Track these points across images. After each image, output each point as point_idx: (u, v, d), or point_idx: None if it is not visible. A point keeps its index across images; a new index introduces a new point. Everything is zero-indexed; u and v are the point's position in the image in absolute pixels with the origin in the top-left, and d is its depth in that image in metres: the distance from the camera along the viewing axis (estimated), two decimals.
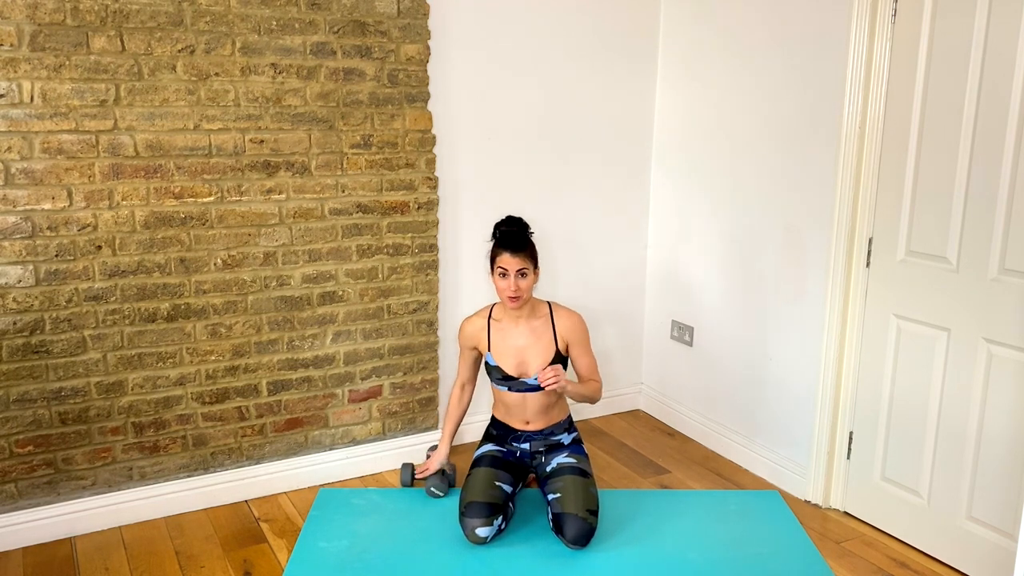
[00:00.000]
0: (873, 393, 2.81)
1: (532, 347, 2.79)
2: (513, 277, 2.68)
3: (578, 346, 2.83)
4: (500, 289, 2.71)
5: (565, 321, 2.82)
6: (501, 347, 2.81)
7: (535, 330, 2.81)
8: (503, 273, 2.69)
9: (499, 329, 2.82)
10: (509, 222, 2.77)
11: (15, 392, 2.60)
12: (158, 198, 2.69)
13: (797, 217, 2.99)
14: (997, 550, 2.47)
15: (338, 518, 2.83)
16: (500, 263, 2.69)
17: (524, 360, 2.79)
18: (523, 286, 2.69)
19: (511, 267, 2.67)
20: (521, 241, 2.71)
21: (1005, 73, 2.32)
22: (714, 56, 3.31)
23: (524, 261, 2.68)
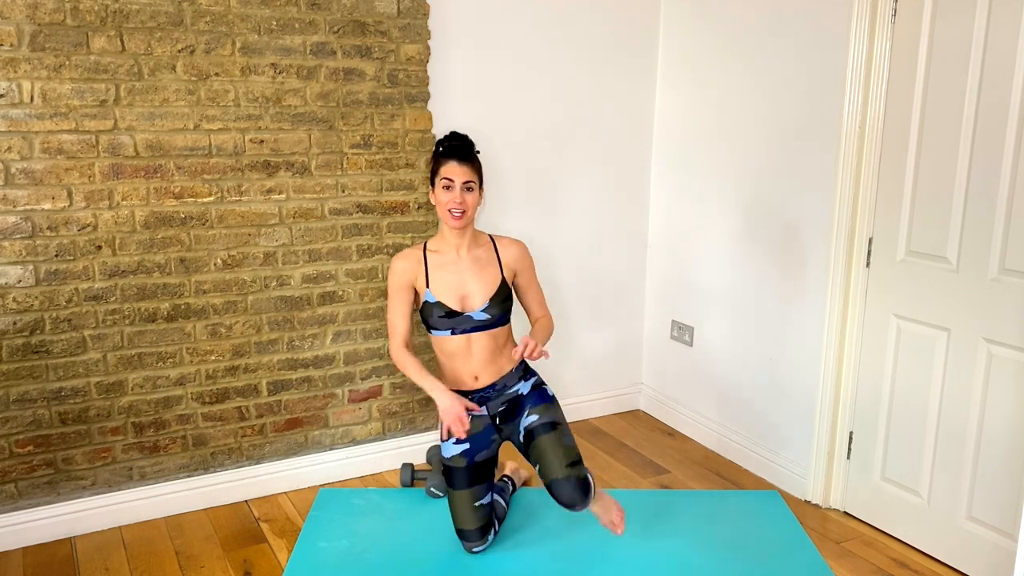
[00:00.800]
0: (873, 393, 2.81)
1: (476, 277, 2.53)
2: (459, 189, 2.44)
3: (527, 275, 2.62)
4: (442, 204, 2.46)
5: (511, 249, 2.59)
6: (441, 281, 2.52)
7: (478, 259, 2.54)
8: (447, 185, 2.44)
9: (437, 262, 2.53)
10: (454, 136, 2.52)
11: (15, 392, 2.60)
12: (158, 198, 2.69)
13: (797, 217, 2.99)
14: (997, 550, 2.47)
15: (338, 518, 2.83)
16: (445, 173, 2.45)
17: (467, 293, 2.52)
18: (469, 201, 2.46)
19: (457, 177, 2.44)
20: (468, 151, 2.49)
21: (1005, 73, 2.32)
22: (714, 56, 3.31)
23: (471, 173, 2.46)
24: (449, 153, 2.47)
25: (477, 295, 2.52)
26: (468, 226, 2.52)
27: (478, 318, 2.50)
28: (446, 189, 2.45)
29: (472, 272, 2.53)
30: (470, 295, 2.52)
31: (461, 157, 2.46)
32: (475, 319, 2.50)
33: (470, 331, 2.51)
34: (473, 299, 2.52)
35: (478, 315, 2.50)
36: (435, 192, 2.49)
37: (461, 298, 2.51)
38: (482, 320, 2.51)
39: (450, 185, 2.44)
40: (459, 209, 2.44)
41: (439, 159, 2.48)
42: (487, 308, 2.50)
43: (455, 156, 2.46)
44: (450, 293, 2.51)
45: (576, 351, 3.71)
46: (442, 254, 2.54)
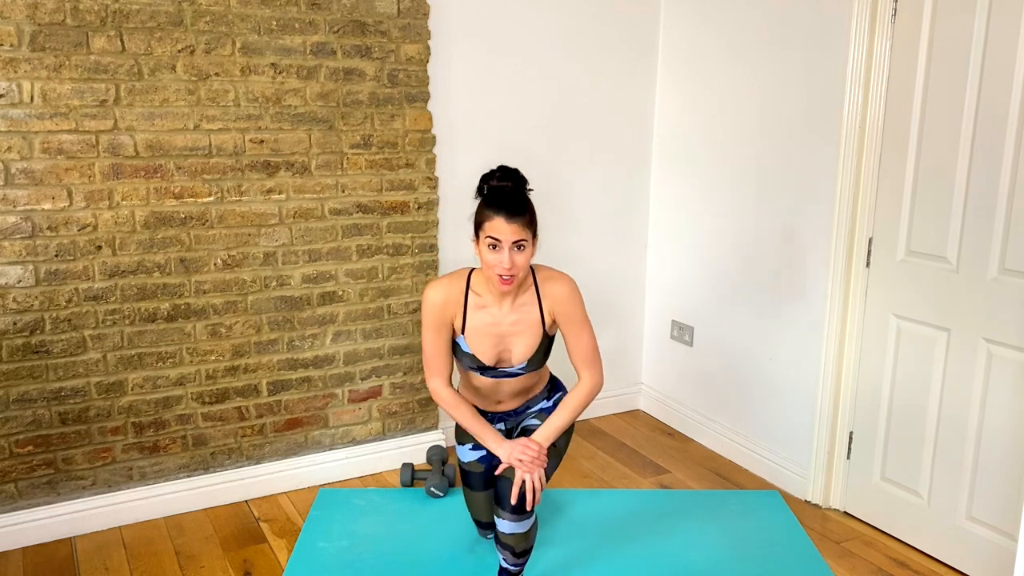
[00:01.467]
0: (873, 393, 2.81)
1: (518, 336, 2.21)
2: (508, 251, 2.04)
3: (571, 323, 2.22)
4: (488, 265, 2.08)
5: (552, 292, 2.21)
6: (478, 333, 2.20)
7: (521, 312, 2.20)
8: (494, 245, 2.05)
9: (478, 306, 2.20)
10: (504, 174, 2.12)
11: (15, 392, 2.60)
12: (158, 198, 2.69)
13: (797, 217, 2.98)
14: (997, 550, 2.47)
15: (338, 518, 2.83)
16: (491, 231, 2.05)
17: (506, 348, 2.22)
18: (519, 262, 2.06)
19: (506, 238, 2.03)
20: (519, 202, 2.07)
21: (1005, 73, 2.32)
22: (714, 56, 3.31)
23: (522, 230, 2.05)
24: (496, 205, 2.06)
25: (516, 354, 2.23)
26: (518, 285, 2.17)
27: (514, 372, 2.27)
28: (492, 248, 2.06)
29: (515, 329, 2.21)
30: (509, 354, 2.23)
31: (512, 211, 2.04)
32: (511, 372, 2.27)
33: (502, 376, 2.28)
34: (511, 356, 2.23)
35: (514, 370, 2.26)
36: (479, 244, 2.11)
37: (498, 355, 2.23)
38: (514, 373, 2.27)
39: (497, 245, 2.05)
40: (508, 274, 2.07)
41: (485, 210, 2.09)
42: (525, 366, 2.25)
43: (503, 211, 2.04)
44: (486, 349, 2.21)
45: None
46: (483, 299, 2.21)
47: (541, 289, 2.22)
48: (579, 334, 2.23)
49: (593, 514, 2.87)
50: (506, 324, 2.20)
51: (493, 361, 2.23)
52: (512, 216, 2.04)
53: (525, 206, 2.09)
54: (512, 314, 2.20)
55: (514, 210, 2.04)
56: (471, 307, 2.20)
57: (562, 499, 2.97)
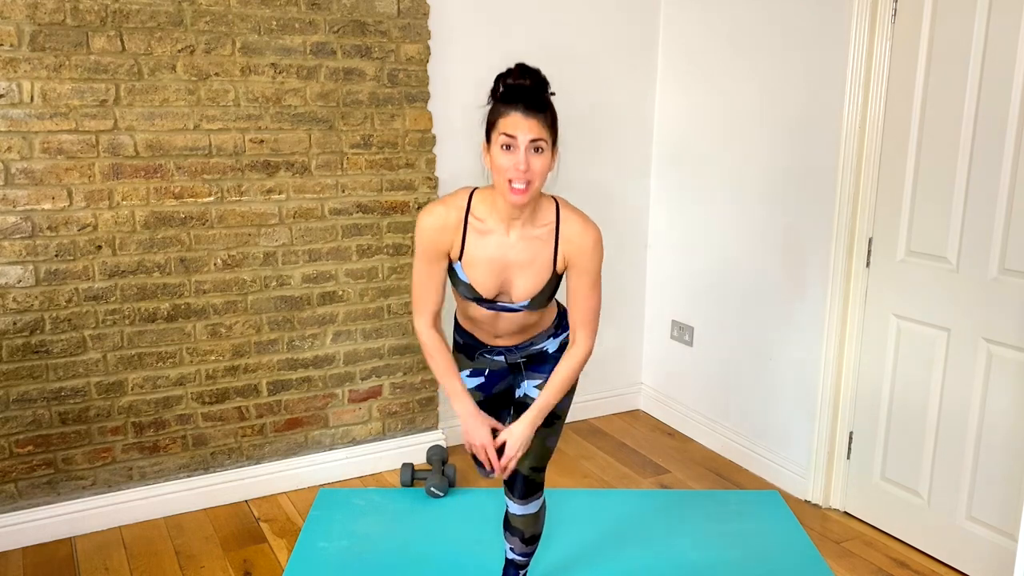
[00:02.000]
0: (873, 393, 2.81)
1: (524, 269, 1.93)
2: (524, 151, 1.77)
3: (583, 278, 1.95)
4: (501, 169, 1.80)
5: (572, 236, 1.93)
6: (478, 261, 1.92)
7: (533, 244, 1.92)
8: (508, 144, 1.78)
9: (479, 231, 1.92)
10: (522, 71, 1.85)
11: (15, 392, 2.60)
12: (158, 198, 2.69)
13: (797, 217, 2.98)
14: (997, 550, 2.47)
15: (338, 518, 2.83)
16: (505, 127, 1.78)
17: (508, 281, 1.94)
18: (537, 168, 1.79)
19: (523, 134, 1.76)
20: (539, 99, 1.81)
21: (1005, 73, 2.32)
22: (714, 56, 3.31)
23: (542, 128, 1.78)
24: (513, 98, 1.80)
25: (519, 290, 1.95)
26: (530, 201, 1.86)
27: (514, 308, 1.99)
28: (506, 149, 1.79)
29: (521, 261, 1.93)
30: (511, 288, 1.96)
31: (530, 104, 1.78)
32: (512, 308, 1.99)
33: (503, 310, 2.00)
34: (513, 293, 1.96)
35: (515, 307, 1.99)
36: (490, 151, 1.84)
37: (498, 287, 1.96)
38: (519, 309, 2.00)
39: (512, 144, 1.78)
40: (523, 180, 1.78)
41: (499, 107, 1.83)
42: (528, 305, 1.97)
43: (522, 103, 1.78)
44: (485, 280, 1.94)
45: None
46: (487, 225, 1.92)
47: (562, 229, 1.93)
48: (588, 294, 1.96)
49: (593, 514, 2.87)
50: (511, 255, 1.92)
51: (492, 294, 1.96)
52: (530, 111, 1.77)
53: (546, 104, 1.83)
54: (520, 243, 1.92)
55: (533, 105, 1.78)
56: (471, 232, 1.92)
57: (562, 499, 2.97)
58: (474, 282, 1.94)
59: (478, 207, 1.93)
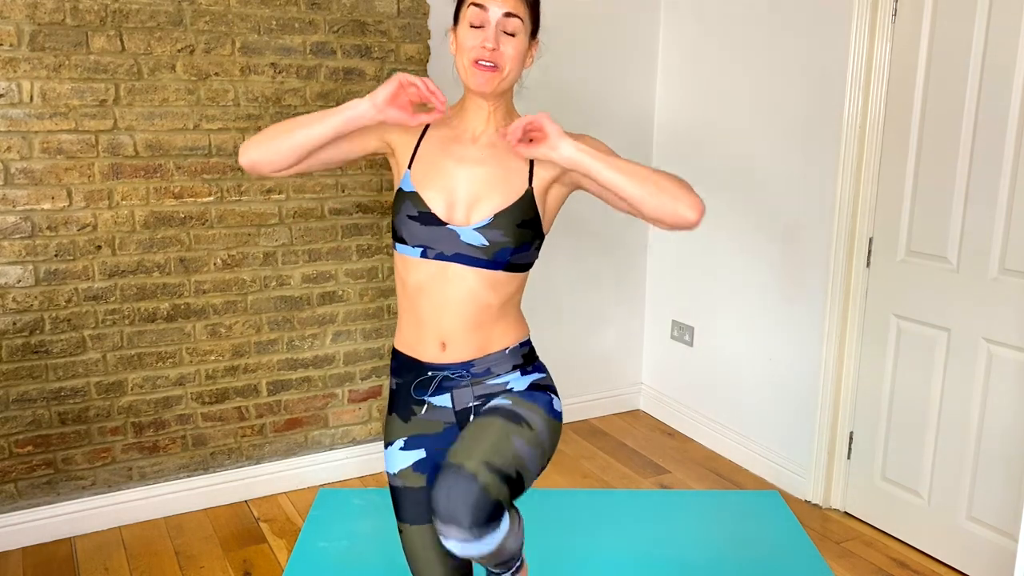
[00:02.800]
0: (873, 393, 2.81)
1: (489, 177, 1.57)
2: (495, 27, 1.51)
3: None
4: (466, 49, 1.53)
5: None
6: (432, 167, 1.59)
7: (499, 152, 1.59)
8: (477, 22, 1.52)
9: (441, 137, 1.62)
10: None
11: (15, 392, 2.60)
12: (158, 198, 2.69)
13: (797, 217, 2.98)
14: (997, 550, 2.47)
15: (338, 518, 2.83)
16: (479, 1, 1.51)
17: (466, 196, 1.56)
18: (509, 51, 1.52)
19: (494, 5, 1.50)
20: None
21: (1005, 73, 2.32)
22: (714, 56, 3.30)
23: (519, 5, 1.53)
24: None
25: (480, 203, 1.56)
26: (502, 94, 1.59)
27: (468, 239, 1.54)
28: (474, 28, 1.52)
29: (487, 168, 1.58)
30: (469, 200, 1.56)
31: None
32: (462, 239, 1.54)
33: (450, 259, 1.55)
34: (471, 208, 1.56)
35: (468, 234, 1.54)
36: (456, 33, 1.57)
37: (452, 202, 1.57)
38: (473, 246, 1.54)
39: (482, 19, 1.51)
40: (489, 59, 1.51)
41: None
42: (487, 227, 1.54)
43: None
44: (439, 190, 1.57)
45: (576, 351, 3.70)
46: (452, 128, 1.63)
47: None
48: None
49: (593, 514, 2.87)
50: (476, 155, 1.59)
51: (444, 209, 1.56)
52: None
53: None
54: (484, 152, 1.59)
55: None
56: (431, 136, 1.62)
57: (562, 499, 2.97)
58: (423, 190, 1.57)
59: (449, 111, 1.63)
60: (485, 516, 1.42)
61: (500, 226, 1.54)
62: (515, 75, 1.57)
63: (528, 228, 1.58)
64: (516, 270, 1.60)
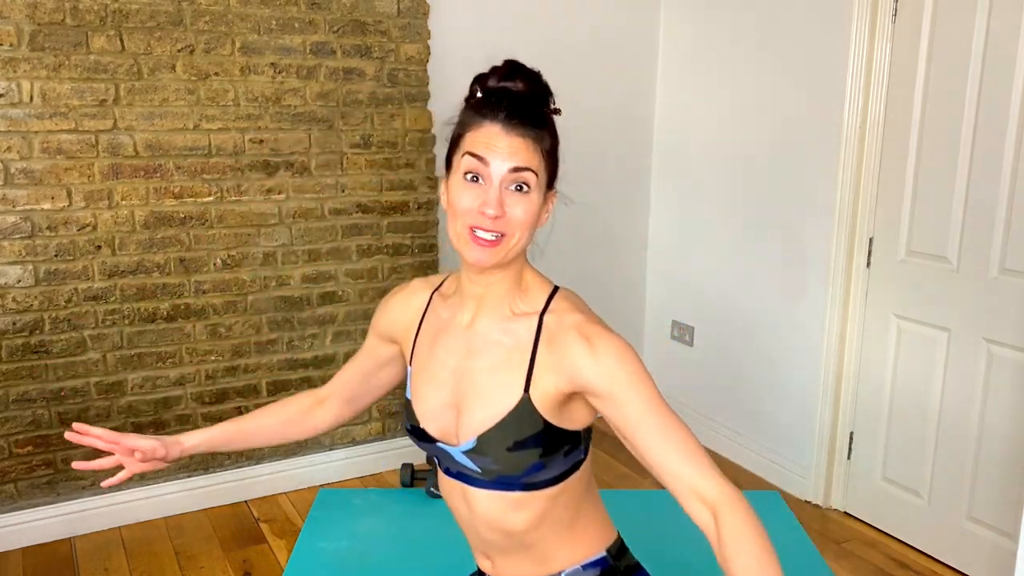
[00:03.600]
0: (874, 393, 2.81)
1: (473, 383, 1.23)
2: (498, 185, 1.15)
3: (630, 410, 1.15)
4: (460, 211, 1.17)
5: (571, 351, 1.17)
6: (422, 368, 1.31)
7: (499, 342, 1.23)
8: (474, 175, 1.16)
9: (437, 324, 1.31)
10: (513, 71, 1.20)
11: (14, 392, 2.60)
12: (157, 198, 2.69)
13: (797, 217, 2.98)
14: (997, 550, 2.47)
15: (338, 518, 2.83)
16: (475, 144, 1.16)
17: (457, 405, 1.25)
18: (517, 214, 1.16)
19: (499, 158, 1.15)
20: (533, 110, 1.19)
21: (1005, 73, 2.32)
22: (714, 56, 3.30)
23: (531, 153, 1.16)
24: (492, 102, 1.18)
25: (464, 417, 1.23)
26: (506, 267, 1.22)
27: (461, 460, 1.24)
28: (471, 180, 1.16)
29: (476, 368, 1.24)
30: (456, 412, 1.25)
31: (516, 113, 1.16)
32: (457, 460, 1.24)
33: (457, 477, 1.28)
34: (459, 421, 1.24)
35: (460, 456, 1.23)
36: (448, 181, 1.21)
37: (440, 414, 1.27)
38: (471, 468, 1.23)
39: (479, 172, 1.16)
40: (491, 229, 1.16)
41: (469, 115, 1.20)
42: (473, 451, 1.21)
43: (502, 112, 1.16)
44: (427, 398, 1.28)
45: None
46: (449, 306, 1.31)
47: (546, 332, 1.20)
48: (662, 431, 1.14)
49: None
50: (462, 355, 1.25)
51: (434, 423, 1.27)
52: (515, 123, 1.15)
53: (542, 119, 1.21)
54: (487, 339, 1.24)
55: (520, 114, 1.16)
56: (430, 318, 1.32)
57: None
58: (415, 397, 1.29)
59: (448, 283, 1.34)
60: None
61: (486, 451, 1.18)
62: (526, 240, 1.20)
63: (533, 447, 1.18)
64: (546, 486, 1.21)
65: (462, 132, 1.19)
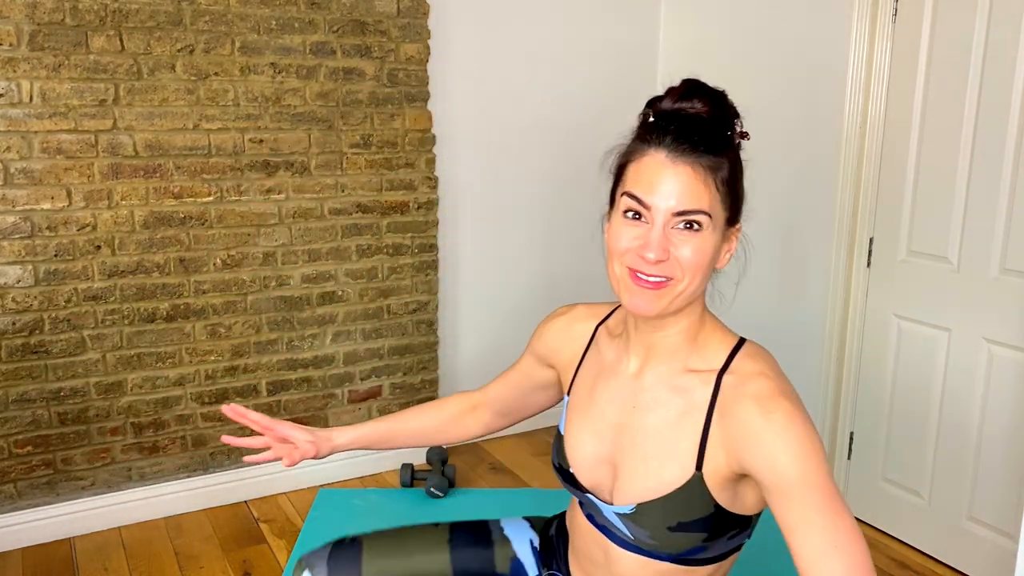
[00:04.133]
0: (874, 393, 2.80)
1: (637, 443, 1.13)
2: (662, 224, 1.06)
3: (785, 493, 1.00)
4: (618, 253, 1.10)
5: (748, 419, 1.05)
6: (581, 405, 1.22)
7: (668, 400, 1.12)
8: (635, 213, 1.08)
9: (598, 360, 1.23)
10: (693, 90, 1.15)
11: (14, 392, 2.60)
12: (157, 198, 2.68)
13: (798, 217, 2.98)
14: (998, 550, 2.46)
15: (338, 518, 2.83)
16: (636, 180, 1.08)
17: (610, 462, 1.16)
18: (687, 255, 1.08)
19: (662, 197, 1.06)
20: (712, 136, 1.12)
21: (1006, 73, 2.32)
22: (714, 56, 3.30)
23: (704, 188, 1.09)
24: (662, 124, 1.09)
25: (625, 478, 1.13)
26: (678, 316, 1.14)
27: (612, 520, 1.15)
28: (632, 218, 1.08)
29: (643, 425, 1.13)
30: (613, 466, 1.15)
31: (683, 136, 1.07)
32: (606, 515, 1.16)
33: (601, 529, 1.19)
34: (616, 478, 1.14)
35: (611, 514, 1.14)
36: (611, 219, 1.14)
37: (596, 463, 1.17)
38: (617, 529, 1.15)
39: (640, 210, 1.07)
40: (654, 271, 1.07)
41: (634, 145, 1.11)
42: (630, 516, 1.11)
43: (670, 139, 1.07)
44: (583, 443, 1.19)
45: None
46: (614, 347, 1.22)
47: (722, 397, 1.08)
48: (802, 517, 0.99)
49: None
50: (627, 406, 1.15)
51: (586, 472, 1.18)
52: (683, 148, 1.05)
53: (720, 142, 1.12)
54: (653, 392, 1.13)
55: (690, 137, 1.06)
56: (593, 352, 1.23)
57: (562, 499, 2.96)
58: (570, 436, 1.19)
59: (617, 318, 1.24)
60: None
61: (645, 524, 1.05)
62: (697, 286, 1.09)
63: (698, 530, 1.07)
64: (701, 564, 1.11)
65: (626, 162, 1.09)
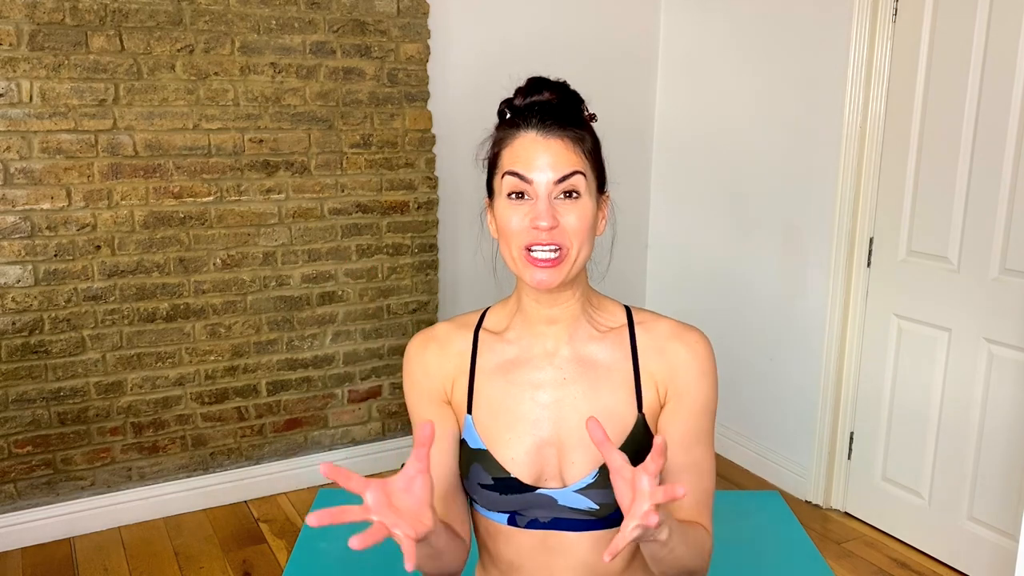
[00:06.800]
0: (874, 393, 2.80)
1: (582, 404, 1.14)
2: (546, 195, 1.09)
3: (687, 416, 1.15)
4: (511, 233, 1.11)
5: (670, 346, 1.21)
6: (500, 411, 1.16)
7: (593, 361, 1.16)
8: (519, 193, 1.10)
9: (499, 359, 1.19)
10: (538, 84, 1.21)
11: (14, 392, 2.60)
12: (157, 198, 2.68)
13: (798, 217, 2.98)
14: (998, 550, 2.46)
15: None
16: (511, 163, 1.11)
17: (555, 446, 1.14)
18: (572, 223, 1.11)
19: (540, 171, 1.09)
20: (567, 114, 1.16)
21: (1006, 73, 2.32)
22: (714, 56, 3.30)
23: (573, 155, 1.12)
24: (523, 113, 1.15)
25: (574, 452, 1.13)
26: (575, 284, 1.18)
27: (569, 503, 1.13)
28: (515, 199, 1.10)
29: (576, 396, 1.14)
30: (559, 450, 1.14)
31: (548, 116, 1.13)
32: (561, 503, 1.13)
33: (549, 526, 1.15)
34: (564, 459, 1.13)
35: (568, 497, 1.13)
36: (494, 210, 1.15)
37: (537, 457, 1.14)
38: (579, 510, 1.13)
39: (523, 188, 1.10)
40: (548, 243, 1.09)
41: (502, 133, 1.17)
42: (591, 487, 1.12)
43: (535, 120, 1.12)
44: (516, 443, 1.14)
45: None
46: (511, 343, 1.19)
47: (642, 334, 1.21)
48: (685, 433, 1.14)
49: None
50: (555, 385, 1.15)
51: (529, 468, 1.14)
52: (550, 125, 1.11)
53: (579, 120, 1.18)
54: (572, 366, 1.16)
55: (556, 118, 1.12)
56: (484, 358, 1.18)
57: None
58: (492, 445, 1.14)
59: (492, 318, 1.22)
60: None
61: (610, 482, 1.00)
62: (587, 251, 1.15)
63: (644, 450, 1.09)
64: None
65: (498, 151, 1.15)
